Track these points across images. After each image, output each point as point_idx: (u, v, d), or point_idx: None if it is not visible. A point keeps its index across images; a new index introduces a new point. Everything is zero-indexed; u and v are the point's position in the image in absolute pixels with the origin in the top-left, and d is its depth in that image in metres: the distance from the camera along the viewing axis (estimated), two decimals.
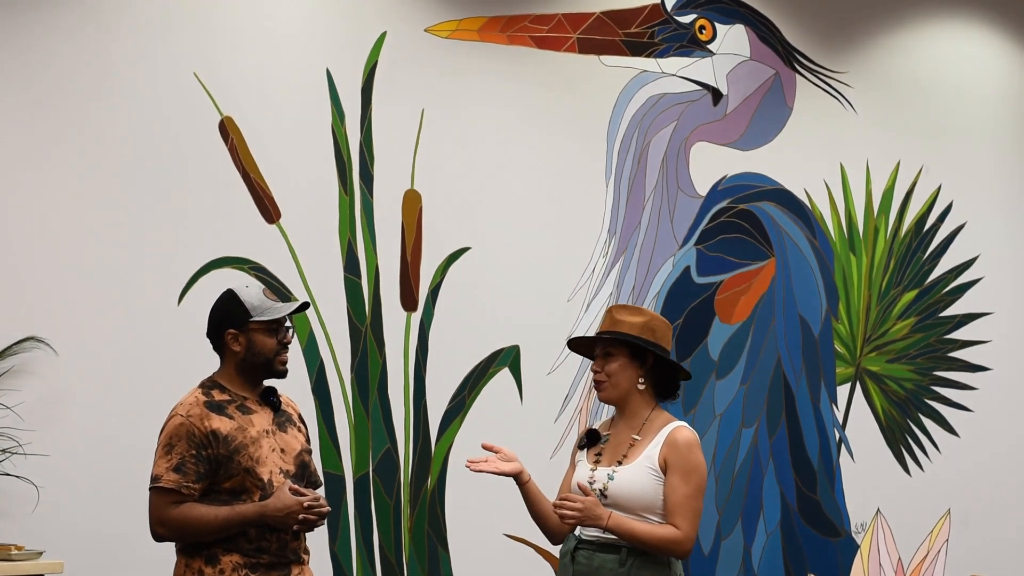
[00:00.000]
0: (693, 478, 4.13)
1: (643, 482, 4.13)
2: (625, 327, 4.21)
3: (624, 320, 4.23)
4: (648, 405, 4.24)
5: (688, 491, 4.11)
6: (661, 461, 4.14)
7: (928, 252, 7.44)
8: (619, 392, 4.23)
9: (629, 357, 4.23)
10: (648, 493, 4.12)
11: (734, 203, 6.97)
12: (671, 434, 4.16)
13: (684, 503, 4.11)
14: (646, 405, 4.24)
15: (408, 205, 6.25)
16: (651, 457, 4.15)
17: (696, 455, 4.15)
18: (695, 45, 6.92)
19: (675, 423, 4.21)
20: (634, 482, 4.13)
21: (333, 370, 6.04)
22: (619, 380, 4.23)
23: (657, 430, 4.19)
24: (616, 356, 4.23)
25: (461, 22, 6.41)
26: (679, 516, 4.10)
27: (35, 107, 5.57)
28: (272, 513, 3.90)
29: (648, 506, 4.13)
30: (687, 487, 4.12)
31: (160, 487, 3.90)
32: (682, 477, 4.12)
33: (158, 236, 5.72)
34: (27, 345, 5.43)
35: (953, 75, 7.59)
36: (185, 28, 5.84)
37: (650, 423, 4.21)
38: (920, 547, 7.32)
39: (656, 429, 4.19)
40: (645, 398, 4.24)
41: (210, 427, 3.92)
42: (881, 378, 7.27)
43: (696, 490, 4.13)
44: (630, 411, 4.25)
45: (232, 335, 4.03)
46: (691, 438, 4.17)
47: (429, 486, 6.18)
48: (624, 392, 4.23)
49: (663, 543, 4.09)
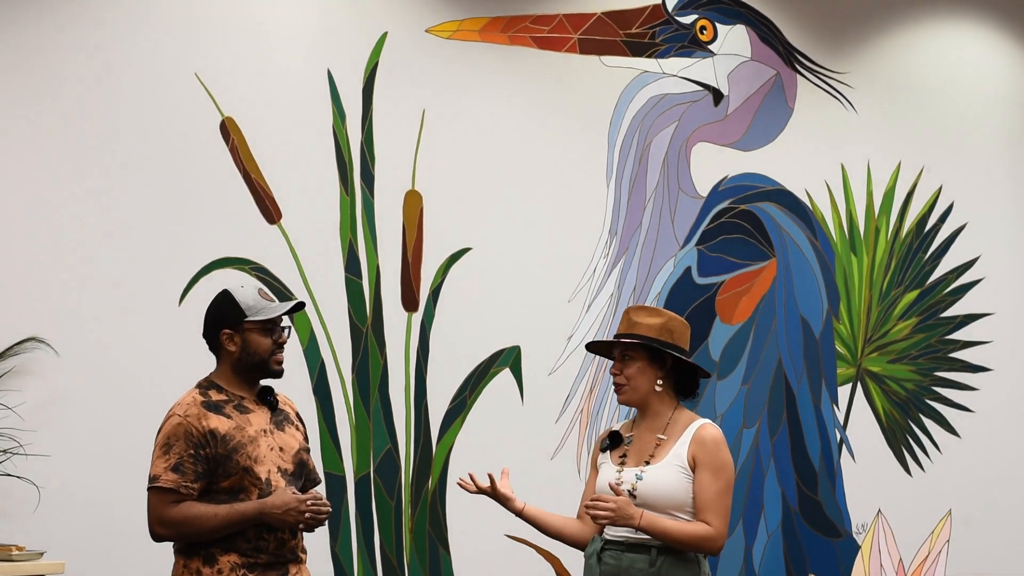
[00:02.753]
0: (723, 475, 4.14)
1: (673, 481, 4.14)
2: (643, 329, 4.21)
3: (641, 322, 4.23)
4: (670, 405, 4.25)
5: (718, 488, 4.12)
6: (690, 459, 4.14)
7: (929, 252, 7.44)
8: (639, 395, 4.24)
9: (648, 360, 4.23)
10: (679, 492, 4.13)
11: (735, 203, 6.97)
12: (698, 432, 4.17)
13: (715, 500, 4.12)
14: (668, 405, 4.25)
15: (409, 205, 6.24)
16: (680, 455, 4.15)
17: (724, 452, 4.17)
18: (696, 46, 6.92)
19: (700, 421, 4.22)
20: (664, 481, 4.14)
21: (334, 370, 6.04)
22: (638, 383, 4.23)
23: (683, 429, 4.20)
24: (635, 359, 4.23)
25: (462, 23, 6.41)
26: (710, 513, 4.11)
27: (36, 107, 5.57)
28: (272, 511, 3.90)
29: (679, 504, 4.13)
30: (717, 484, 4.12)
31: (159, 487, 3.90)
32: (712, 474, 4.13)
33: (159, 236, 5.72)
34: (27, 345, 5.43)
35: (954, 75, 7.59)
36: (186, 28, 5.84)
37: (674, 422, 4.22)
38: (921, 548, 7.31)
39: (682, 428, 4.20)
40: (666, 398, 4.25)
41: (208, 426, 3.93)
42: (882, 379, 7.27)
43: (726, 487, 4.14)
44: (652, 412, 4.25)
45: (227, 335, 4.03)
46: (718, 435, 4.19)
47: (430, 486, 6.18)
48: (644, 394, 4.24)
49: (696, 540, 4.10)
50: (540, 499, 4.47)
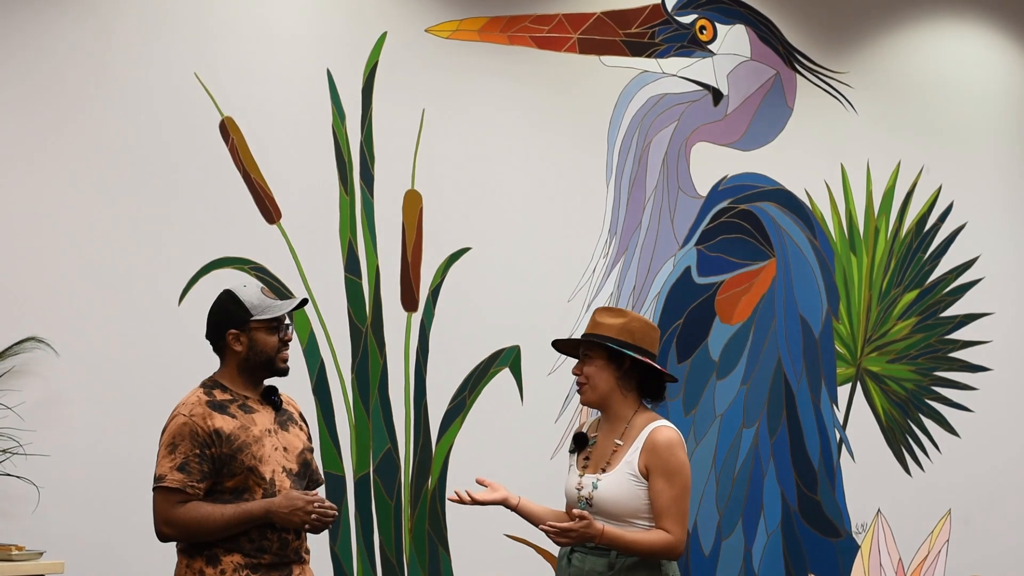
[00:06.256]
0: (677, 480, 4.12)
1: (626, 490, 4.13)
2: (603, 329, 4.20)
3: (603, 322, 4.22)
4: (631, 407, 4.23)
5: (674, 493, 4.11)
6: (642, 467, 4.13)
7: (929, 252, 7.44)
8: (598, 394, 4.22)
9: (606, 359, 4.22)
10: (632, 500, 4.12)
11: (735, 203, 6.97)
12: (650, 437, 4.14)
13: (671, 506, 4.10)
14: (629, 407, 4.23)
15: (409, 205, 6.24)
16: (631, 463, 4.14)
17: (677, 455, 4.13)
18: (696, 45, 6.92)
19: (655, 423, 4.18)
20: (617, 491, 4.13)
21: (334, 370, 6.04)
22: (597, 383, 4.22)
23: (637, 433, 4.17)
24: (594, 359, 4.22)
25: (462, 22, 6.41)
26: (667, 519, 4.10)
27: (35, 107, 5.57)
28: (279, 511, 3.90)
29: (634, 512, 4.13)
30: (672, 490, 4.11)
31: (165, 487, 3.90)
32: (666, 480, 4.11)
33: (158, 236, 5.72)
34: (27, 345, 5.43)
35: (953, 75, 7.59)
36: (185, 28, 5.83)
37: (632, 426, 4.20)
38: (921, 547, 7.32)
39: (636, 432, 4.17)
40: (628, 400, 4.22)
41: (213, 426, 3.92)
42: (882, 378, 7.27)
43: (682, 491, 4.12)
44: (613, 413, 4.24)
45: (233, 335, 4.03)
46: (671, 437, 4.15)
47: (430, 486, 6.18)
48: (603, 394, 4.22)
49: (656, 549, 4.10)
50: (539, 499, 4.48)
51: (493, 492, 4.33)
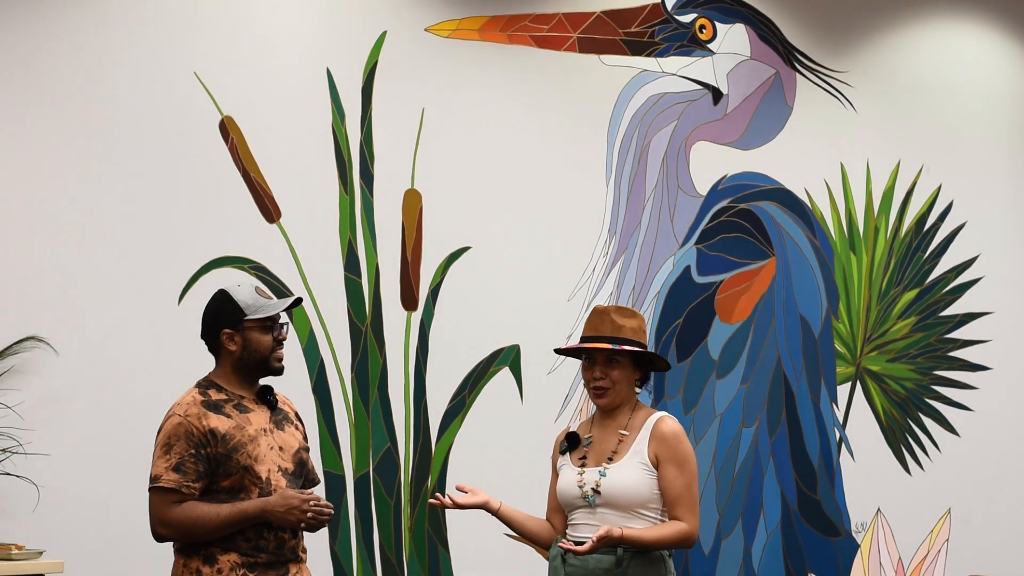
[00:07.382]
0: (687, 467, 4.14)
1: (636, 478, 4.13)
2: (628, 333, 4.20)
3: (626, 325, 4.21)
4: (630, 401, 4.25)
5: (685, 481, 4.13)
6: (651, 456, 4.14)
7: (928, 252, 7.44)
8: (622, 398, 4.23)
9: (633, 363, 4.23)
10: (642, 489, 4.12)
11: (734, 202, 6.97)
12: (656, 427, 4.17)
13: (683, 493, 4.12)
14: (628, 401, 4.25)
15: (408, 204, 6.24)
16: (640, 452, 4.15)
17: (685, 444, 4.16)
18: (695, 44, 6.92)
19: (657, 415, 4.21)
20: (627, 479, 4.13)
21: (333, 369, 6.04)
22: (624, 387, 4.22)
23: (642, 424, 4.19)
24: (622, 363, 4.22)
25: (461, 21, 6.41)
26: (682, 507, 4.12)
27: (35, 107, 5.57)
28: (275, 510, 3.90)
29: (644, 501, 4.13)
30: (683, 477, 4.13)
31: (160, 487, 3.90)
32: (677, 468, 4.13)
33: (158, 236, 5.72)
34: (27, 345, 5.43)
35: (953, 75, 7.59)
36: (185, 27, 5.84)
37: (634, 418, 4.21)
38: (920, 547, 7.31)
39: (640, 423, 4.19)
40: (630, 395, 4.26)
41: (208, 426, 3.93)
42: (881, 377, 7.27)
43: (692, 478, 4.15)
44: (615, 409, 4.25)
45: (228, 335, 4.03)
46: (677, 428, 4.18)
47: (429, 485, 6.18)
48: (625, 397, 4.23)
49: (675, 540, 4.11)
50: (539, 498, 4.47)
51: (474, 496, 4.30)
